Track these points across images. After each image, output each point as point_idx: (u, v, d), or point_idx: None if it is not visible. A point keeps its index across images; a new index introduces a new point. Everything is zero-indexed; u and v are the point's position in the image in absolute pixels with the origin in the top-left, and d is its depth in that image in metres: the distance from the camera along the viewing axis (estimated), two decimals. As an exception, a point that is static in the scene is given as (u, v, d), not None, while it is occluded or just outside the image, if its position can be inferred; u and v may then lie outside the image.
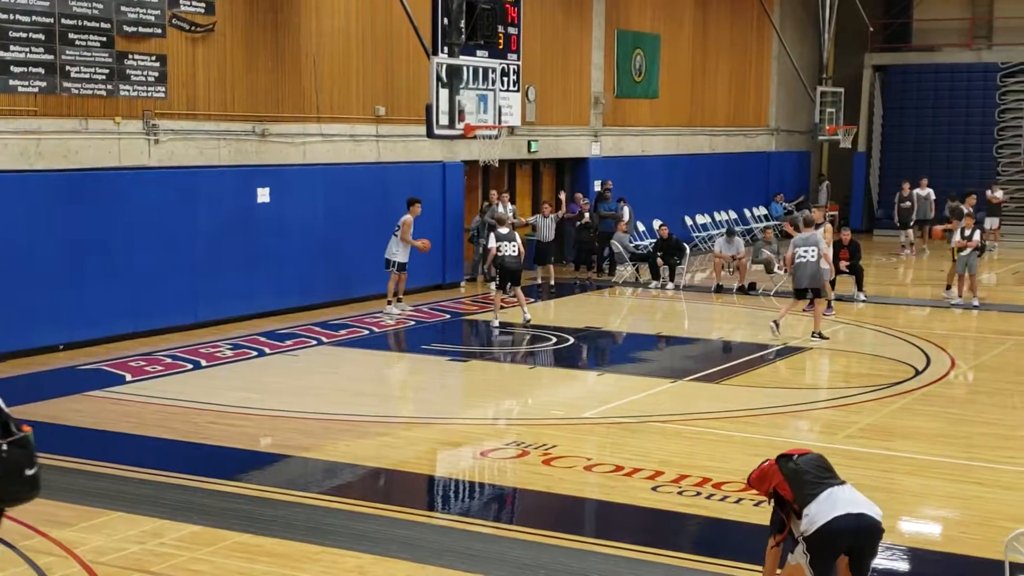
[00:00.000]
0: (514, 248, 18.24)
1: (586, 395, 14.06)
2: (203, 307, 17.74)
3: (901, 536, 9.00)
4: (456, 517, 9.52)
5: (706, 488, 9.96)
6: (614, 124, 27.15)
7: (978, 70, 33.60)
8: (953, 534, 9.17)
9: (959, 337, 17.81)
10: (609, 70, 26.81)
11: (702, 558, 8.43)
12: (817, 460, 6.85)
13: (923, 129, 33.95)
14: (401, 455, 11.17)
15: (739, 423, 12.29)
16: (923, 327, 18.10)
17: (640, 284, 23.34)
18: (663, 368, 16.30)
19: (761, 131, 33.38)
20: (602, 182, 25.66)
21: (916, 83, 34.22)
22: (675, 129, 29.34)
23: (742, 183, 31.25)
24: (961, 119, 33.59)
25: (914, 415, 12.91)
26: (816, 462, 6.82)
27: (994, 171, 32.80)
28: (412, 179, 21.18)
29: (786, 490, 6.70)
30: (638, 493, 9.92)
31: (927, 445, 11.52)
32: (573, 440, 11.72)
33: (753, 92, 32.88)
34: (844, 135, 32.60)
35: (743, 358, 16.12)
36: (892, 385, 14.28)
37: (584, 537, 9.01)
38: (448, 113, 17.84)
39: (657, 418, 12.62)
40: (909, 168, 32.17)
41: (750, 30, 32.22)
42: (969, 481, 10.38)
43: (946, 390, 14.26)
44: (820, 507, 6.53)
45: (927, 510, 9.85)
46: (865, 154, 34.89)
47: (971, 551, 8.64)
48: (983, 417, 12.73)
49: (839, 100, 32.50)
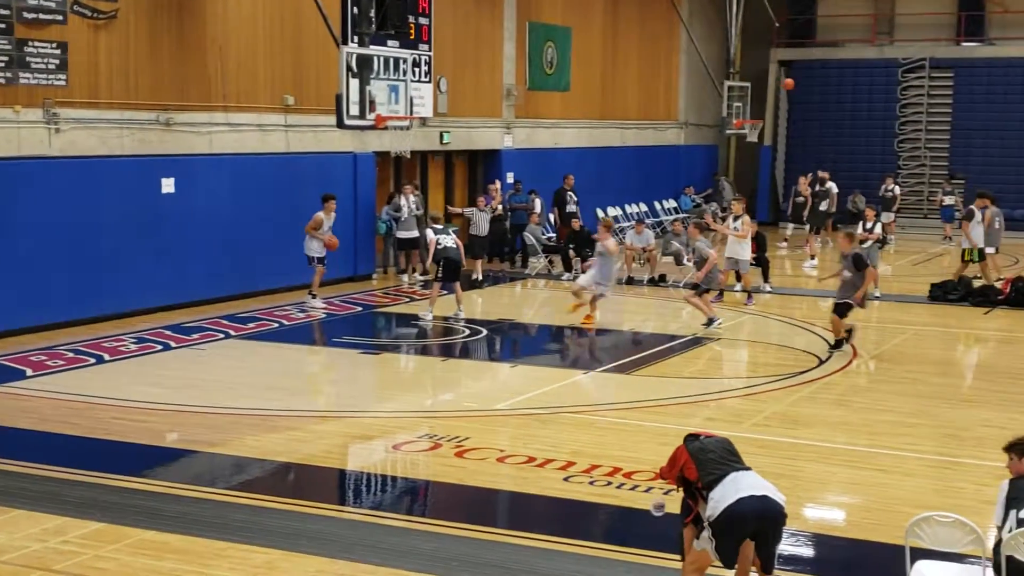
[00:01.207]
0: (452, 241, 18.20)
1: (499, 387, 14.08)
2: (106, 300, 17.39)
3: (806, 522, 9.16)
4: (368, 511, 9.47)
5: (617, 478, 10.04)
6: (526, 116, 27.20)
7: (880, 65, 34.27)
8: (856, 520, 9.35)
9: (861, 327, 18.15)
10: (521, 62, 26.85)
11: (613, 547, 8.50)
12: (724, 443, 6.98)
13: (827, 123, 34.55)
14: (311, 449, 11.08)
15: (649, 413, 12.40)
16: (827, 317, 18.40)
17: (553, 276, 23.43)
18: (575, 359, 16.40)
19: (671, 125, 33.71)
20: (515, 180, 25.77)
21: (820, 78, 34.81)
22: (587, 122, 29.49)
23: (652, 176, 31.54)
24: (864, 114, 34.25)
25: (818, 404, 13.15)
26: (723, 445, 6.96)
27: (895, 165, 33.51)
28: (322, 170, 20.99)
29: (692, 470, 6.81)
30: (550, 484, 9.95)
31: (831, 433, 11.74)
32: (486, 432, 11.73)
33: (662, 86, 33.17)
34: (750, 129, 33.05)
35: (653, 349, 16.27)
36: (797, 374, 14.53)
37: (497, 528, 9.03)
38: (359, 103, 17.69)
39: (569, 409, 12.67)
40: (813, 162, 32.71)
41: (659, 25, 32.49)
42: (871, 468, 10.60)
43: (848, 379, 14.55)
44: (724, 490, 6.64)
45: (831, 496, 10.04)
46: (771, 148, 35.42)
47: (874, 536, 8.82)
48: (884, 405, 13.00)
49: (746, 95, 32.93)
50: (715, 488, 6.68)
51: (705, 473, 6.76)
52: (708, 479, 6.73)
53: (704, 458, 6.82)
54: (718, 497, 6.65)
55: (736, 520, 6.61)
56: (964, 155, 33.04)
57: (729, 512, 6.60)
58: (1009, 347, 17.21)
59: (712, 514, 6.66)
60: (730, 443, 7.04)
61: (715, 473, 6.73)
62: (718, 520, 6.63)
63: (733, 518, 6.60)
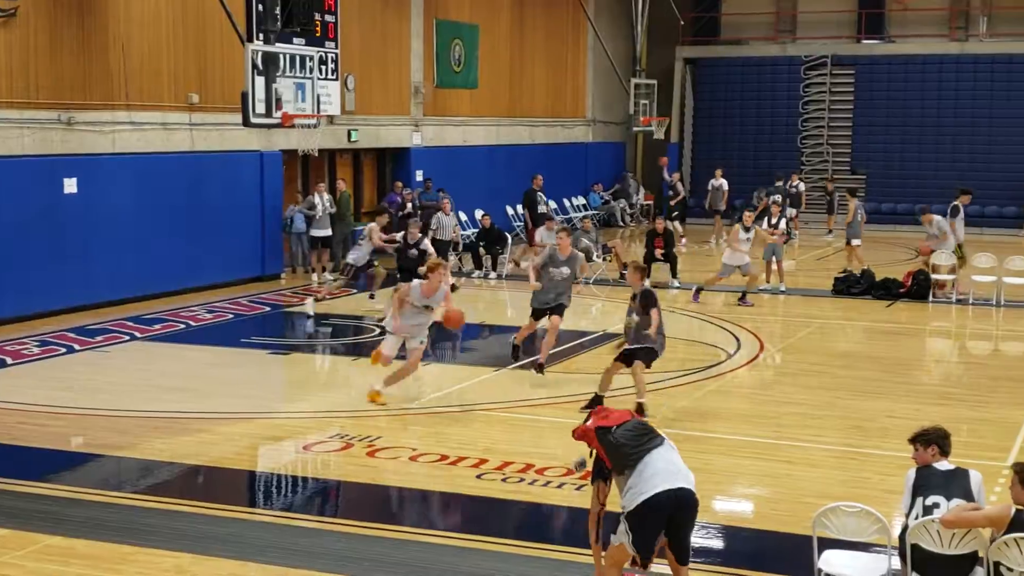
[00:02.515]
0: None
1: (410, 385, 14.01)
2: (8, 302, 16.97)
3: (715, 514, 9.28)
4: (279, 512, 9.39)
5: (529, 474, 10.07)
6: (435, 114, 27.14)
7: (783, 63, 34.83)
8: (765, 511, 9.50)
9: (767, 321, 18.45)
10: (429, 60, 26.78)
11: (526, 543, 8.53)
12: (633, 429, 7.03)
13: (732, 120, 35.03)
14: (220, 451, 10.94)
15: (561, 409, 12.45)
16: (734, 312, 18.69)
17: (463, 274, 23.41)
18: (487, 357, 16.38)
19: (578, 122, 33.90)
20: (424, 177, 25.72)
21: (725, 75, 35.27)
22: (495, 119, 29.53)
23: (561, 173, 31.66)
24: (768, 111, 34.78)
25: (726, 397, 13.33)
26: (633, 431, 7.02)
27: (799, 161, 34.08)
28: (228, 169, 20.73)
29: (606, 459, 6.92)
30: (463, 481, 9.96)
31: (739, 426, 11.91)
32: (397, 431, 11.69)
33: (570, 84, 33.35)
34: (657, 126, 33.37)
35: (565, 345, 16.33)
36: (705, 368, 14.71)
37: (409, 527, 9.00)
38: (265, 101, 17.50)
39: (481, 406, 12.68)
40: (721, 158, 33.15)
41: (566, 22, 32.66)
42: (778, 460, 10.78)
43: (756, 372, 14.78)
44: (638, 481, 6.73)
45: (740, 488, 10.19)
46: (678, 145, 35.80)
47: (782, 527, 8.98)
48: (790, 398, 13.24)
49: (652, 92, 33.25)
50: (631, 477, 6.76)
51: (619, 465, 6.87)
52: (622, 469, 6.83)
53: (617, 453, 6.90)
54: (633, 491, 6.72)
55: (652, 513, 6.69)
56: (866, 151, 33.73)
57: (645, 506, 6.68)
58: (911, 339, 17.63)
59: (628, 507, 6.73)
60: (640, 425, 7.12)
61: (629, 464, 6.81)
62: (634, 513, 6.70)
63: (649, 511, 6.68)
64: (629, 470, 6.81)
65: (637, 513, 6.69)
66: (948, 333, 18.46)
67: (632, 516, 6.71)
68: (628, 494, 6.75)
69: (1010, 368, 15.93)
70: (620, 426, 7.05)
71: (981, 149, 32.16)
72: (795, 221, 28.69)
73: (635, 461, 6.81)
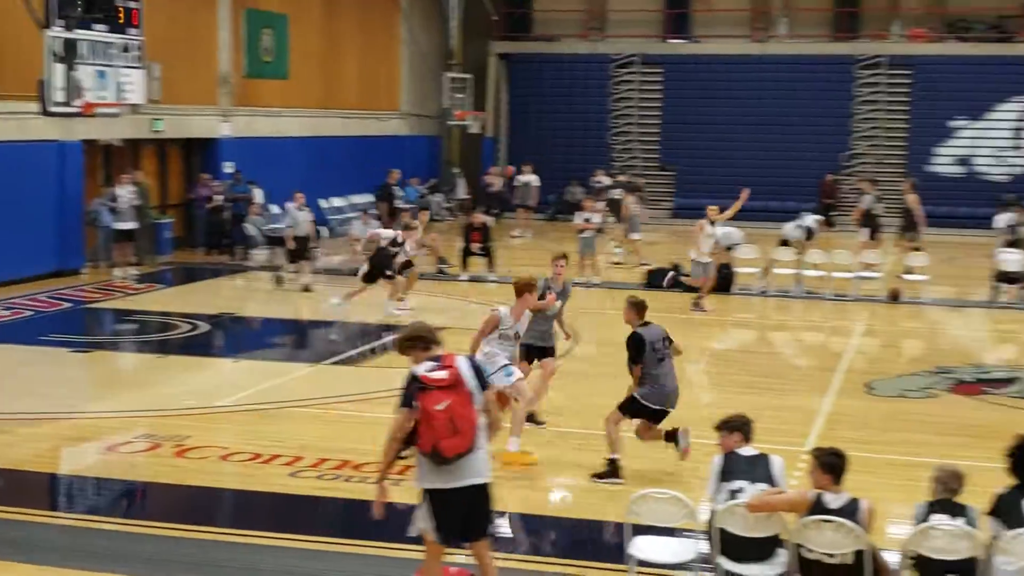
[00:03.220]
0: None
1: (221, 383, 13.70)
2: None
3: (529, 505, 9.36)
4: (81, 516, 9.03)
5: (346, 471, 9.96)
6: (245, 104, 26.57)
7: (595, 61, 35.42)
8: (579, 500, 9.63)
9: (581, 314, 18.71)
10: (238, 49, 26.19)
11: (343, 540, 8.43)
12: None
13: (546, 116, 35.40)
14: (20, 453, 10.45)
15: (377, 404, 12.33)
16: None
17: (275, 267, 22.95)
18: (300, 352, 16.17)
19: (392, 115, 33.71)
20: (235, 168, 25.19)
21: (538, 72, 35.64)
22: (307, 111, 29.09)
23: (376, 166, 31.39)
24: (580, 107, 35.28)
25: (542, 389, 13.43)
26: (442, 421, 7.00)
27: (609, 158, 34.70)
28: (25, 159, 19.81)
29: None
30: (277, 480, 9.77)
31: (553, 418, 12.02)
32: (208, 430, 11.39)
33: (384, 76, 33.12)
34: (473, 121, 33.48)
35: (381, 340, 16.23)
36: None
37: (221, 528, 8.78)
38: (64, 89, 16.84)
39: (295, 403, 12.48)
40: (535, 153, 33.52)
41: (379, 14, 32.44)
42: (592, 450, 10.89)
43: (569, 365, 14.94)
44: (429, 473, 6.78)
45: (556, 479, 10.29)
46: (493, 139, 36.01)
47: (596, 515, 9.11)
48: (604, 389, 13.41)
49: (468, 86, 33.32)
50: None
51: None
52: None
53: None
54: (428, 481, 6.77)
55: (446, 502, 6.77)
56: (674, 148, 34.59)
57: (438, 494, 6.74)
58: (718, 330, 18.15)
59: (422, 486, 6.81)
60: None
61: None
62: (429, 499, 6.78)
63: (441, 500, 6.75)
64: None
65: (431, 499, 6.80)
66: (751, 324, 19.09)
67: (429, 502, 6.81)
68: (420, 479, 6.88)
69: (809, 357, 16.59)
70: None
71: (783, 147, 33.38)
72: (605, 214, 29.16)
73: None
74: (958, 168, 32.62)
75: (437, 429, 6.65)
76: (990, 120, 32.51)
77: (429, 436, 6.66)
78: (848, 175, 32.67)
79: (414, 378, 6.78)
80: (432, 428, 6.65)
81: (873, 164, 32.73)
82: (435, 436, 6.64)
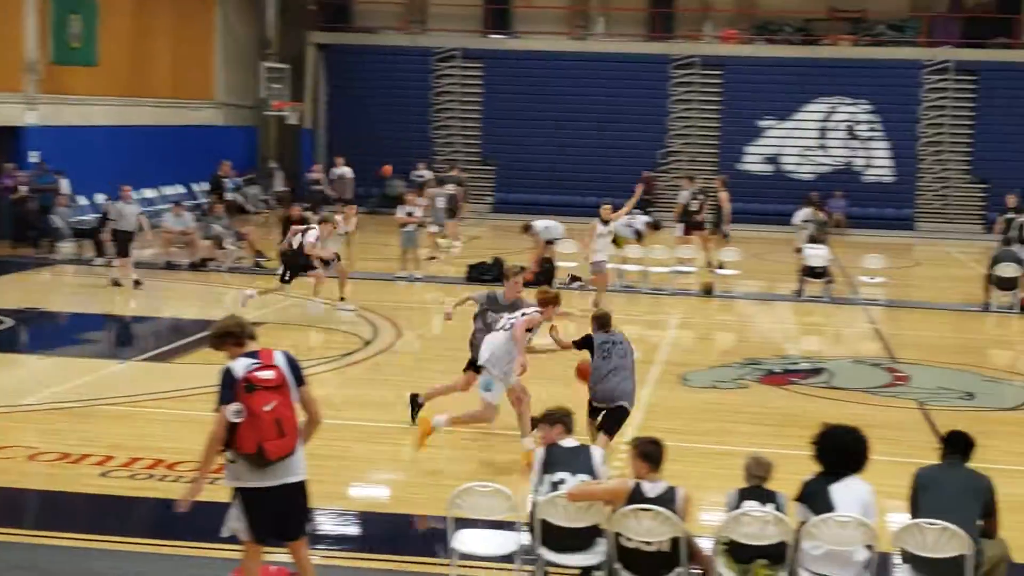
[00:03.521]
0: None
1: (26, 380, 13.15)
2: None
3: (353, 501, 9.30)
4: None
5: (159, 470, 9.70)
6: (52, 92, 25.50)
7: (415, 54, 35.31)
8: (402, 495, 9.61)
9: (405, 308, 18.68)
10: (45, 35, 25.12)
11: (155, 541, 8.22)
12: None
13: (367, 108, 35.10)
14: None
15: (191, 402, 12.03)
16: (371, 300, 18.76)
17: (83, 261, 22.16)
18: (111, 349, 15.66)
19: (207, 104, 32.89)
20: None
21: (358, 63, 35.30)
22: (118, 99, 28.10)
23: (190, 157, 30.62)
24: (401, 100, 35.10)
25: (364, 384, 13.38)
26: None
27: (431, 151, 34.65)
28: None
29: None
30: (87, 480, 9.45)
31: (377, 412, 11.97)
32: (13, 429, 10.92)
33: (198, 64, 32.26)
34: (291, 112, 32.99)
35: (195, 336, 15.81)
36: (343, 356, 14.69)
37: (26, 530, 8.44)
38: None
39: (106, 401, 12.07)
40: (354, 146, 33.22)
41: (193, 1, 31.59)
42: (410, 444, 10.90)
43: (394, 359, 14.90)
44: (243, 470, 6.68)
45: (378, 474, 10.25)
46: (311, 131, 35.53)
47: (420, 510, 9.11)
48: (428, 383, 13.39)
49: (285, 77, 32.80)
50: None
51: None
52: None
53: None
54: (242, 478, 6.66)
55: (257, 501, 6.66)
56: (495, 143, 34.80)
57: (251, 492, 6.63)
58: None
59: (235, 485, 6.70)
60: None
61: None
62: (242, 498, 6.66)
63: (256, 497, 6.64)
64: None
65: (243, 499, 6.70)
66: (571, 318, 19.34)
67: (241, 502, 6.72)
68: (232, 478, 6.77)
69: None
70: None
71: (602, 143, 33.94)
72: (428, 208, 29.13)
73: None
74: (767, 166, 33.80)
75: (263, 431, 6.53)
76: (797, 120, 33.80)
77: (253, 437, 6.52)
78: (664, 172, 33.50)
79: (229, 374, 6.62)
80: (258, 429, 6.52)
81: (688, 162, 33.61)
82: (261, 437, 6.52)
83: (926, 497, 7.05)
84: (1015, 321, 19.02)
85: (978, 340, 17.89)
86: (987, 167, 32.55)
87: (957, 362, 15.36)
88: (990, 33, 33.36)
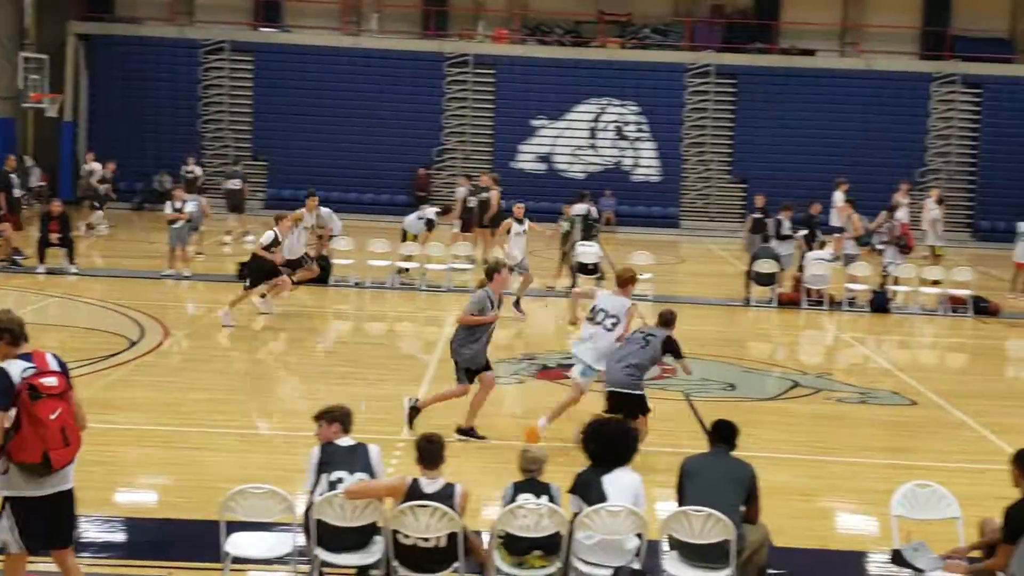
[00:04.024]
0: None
1: None
2: None
3: (120, 508, 8.98)
4: None
5: None
6: None
7: (182, 46, 34.25)
8: (171, 500, 9.31)
9: (172, 307, 18.12)
10: None
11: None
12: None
13: (130, 101, 33.81)
14: None
15: None
16: (138, 298, 18.12)
17: None
18: None
19: (-41, 95, 31.08)
20: None
21: (122, 55, 34.00)
22: None
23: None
24: (167, 93, 34.00)
25: (130, 386, 12.89)
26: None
27: (199, 145, 33.69)
28: None
29: None
30: None
31: (143, 415, 11.58)
32: None
33: (-52, 52, 30.47)
34: (50, 103, 31.51)
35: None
36: (107, 357, 14.12)
37: None
38: None
39: None
40: (120, 139, 32.02)
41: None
42: (186, 447, 10.60)
43: (161, 360, 14.42)
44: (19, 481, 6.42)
45: (145, 479, 9.91)
46: (72, 124, 34.03)
47: (190, 514, 8.84)
48: (198, 384, 13.08)
49: (44, 67, 31.30)
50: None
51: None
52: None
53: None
54: (13, 483, 6.39)
55: (30, 510, 6.42)
56: (266, 138, 34.13)
57: (22, 502, 6.39)
58: (318, 322, 18.10)
59: (7, 494, 6.45)
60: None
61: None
62: (11, 508, 6.42)
63: (26, 508, 6.39)
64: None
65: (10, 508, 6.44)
66: (348, 315, 19.21)
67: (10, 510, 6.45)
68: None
69: (405, 346, 16.97)
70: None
71: (377, 139, 33.79)
72: (206, 207, 28.32)
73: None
74: (540, 165, 34.41)
75: (49, 439, 6.30)
76: (568, 120, 34.52)
77: (38, 445, 6.28)
78: (439, 169, 33.65)
79: (6, 376, 6.31)
80: (43, 438, 6.29)
81: (462, 159, 33.89)
82: (46, 446, 6.28)
83: (691, 485, 7.31)
84: (774, 315, 19.98)
85: (739, 333, 18.70)
86: (746, 167, 34.10)
87: (720, 355, 16.00)
88: (749, 38, 34.97)
